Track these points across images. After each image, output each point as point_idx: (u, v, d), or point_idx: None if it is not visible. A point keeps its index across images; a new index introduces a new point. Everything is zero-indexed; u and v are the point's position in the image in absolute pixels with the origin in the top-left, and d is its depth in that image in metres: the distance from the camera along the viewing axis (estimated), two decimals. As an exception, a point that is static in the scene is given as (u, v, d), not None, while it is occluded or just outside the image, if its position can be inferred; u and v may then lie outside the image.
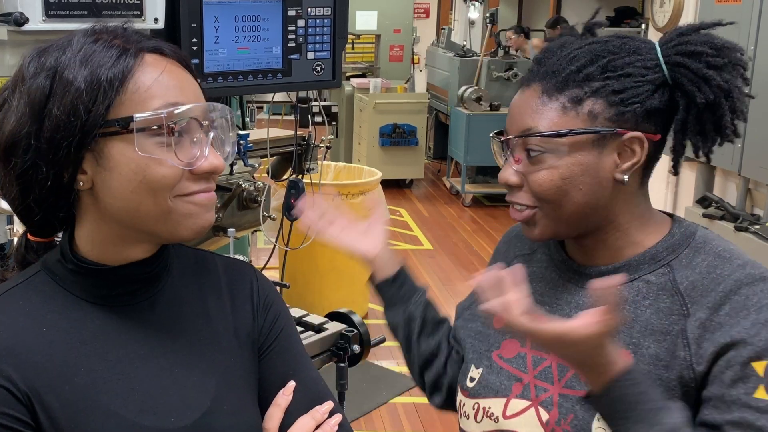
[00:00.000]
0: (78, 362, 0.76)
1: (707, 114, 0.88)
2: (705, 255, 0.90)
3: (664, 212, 0.98)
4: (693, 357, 0.84)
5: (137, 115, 0.73)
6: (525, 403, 0.94)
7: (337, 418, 0.87)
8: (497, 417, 0.95)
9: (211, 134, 0.78)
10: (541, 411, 0.92)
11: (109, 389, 0.77)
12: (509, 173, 0.92)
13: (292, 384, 0.87)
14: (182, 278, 0.86)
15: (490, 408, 0.96)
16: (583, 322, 0.77)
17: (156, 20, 1.22)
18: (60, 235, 0.83)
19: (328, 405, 0.88)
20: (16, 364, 0.74)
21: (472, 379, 1.00)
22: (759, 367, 0.81)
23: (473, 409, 0.98)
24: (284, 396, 0.86)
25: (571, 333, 0.78)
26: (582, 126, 0.87)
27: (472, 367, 1.01)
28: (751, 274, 0.85)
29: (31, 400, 0.73)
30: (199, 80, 0.81)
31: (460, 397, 1.02)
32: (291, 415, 0.85)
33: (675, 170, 0.95)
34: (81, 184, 0.76)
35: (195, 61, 1.34)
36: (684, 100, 0.88)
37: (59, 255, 0.81)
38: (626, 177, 0.89)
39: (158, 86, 0.75)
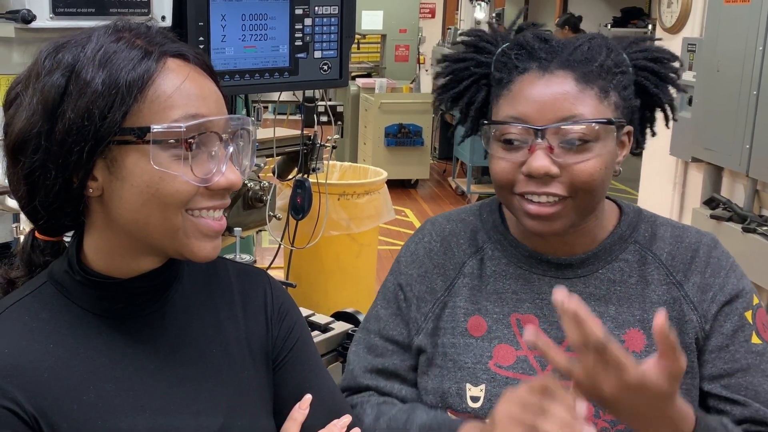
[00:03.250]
0: (86, 379, 0.73)
1: (655, 112, 0.97)
2: (662, 227, 0.98)
3: None
4: (701, 318, 0.92)
5: (155, 127, 0.69)
6: None
7: None
8: None
9: (231, 149, 0.74)
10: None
11: (118, 407, 0.74)
12: (548, 162, 0.86)
13: (308, 397, 0.84)
14: (193, 287, 0.83)
15: None
16: (656, 366, 0.73)
17: (164, 18, 1.22)
18: (69, 234, 0.81)
19: (347, 419, 0.84)
20: (21, 384, 0.70)
21: (474, 399, 0.93)
22: (748, 315, 0.93)
23: None
24: (300, 410, 0.83)
25: (647, 378, 0.73)
26: (612, 116, 0.89)
27: (468, 386, 0.93)
28: (711, 239, 0.97)
29: (38, 421, 0.70)
30: (221, 87, 0.77)
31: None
32: (308, 429, 0.82)
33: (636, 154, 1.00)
34: (91, 191, 0.72)
35: (202, 59, 1.34)
36: (642, 99, 0.94)
37: (66, 265, 0.77)
38: (620, 168, 0.94)
39: (179, 95, 0.71)
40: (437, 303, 0.99)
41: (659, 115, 0.98)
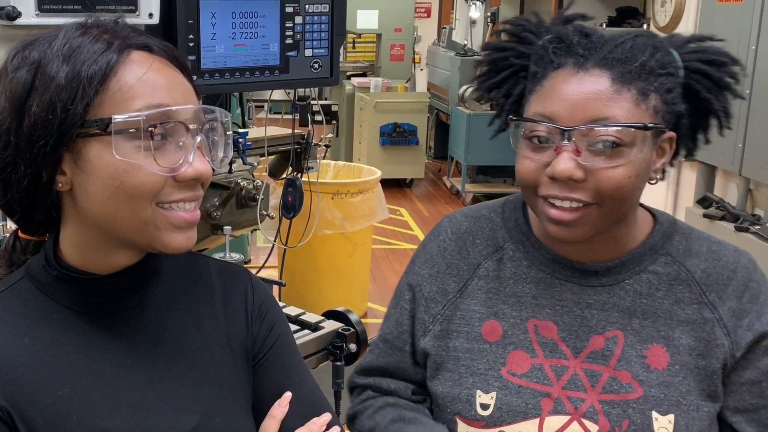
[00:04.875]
0: (62, 374, 0.73)
1: (709, 118, 0.90)
2: (698, 241, 0.93)
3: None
4: (733, 345, 0.88)
5: (116, 117, 0.69)
6: (564, 418, 0.86)
7: (335, 430, 0.84)
8: None
9: (198, 138, 0.73)
10: (587, 423, 0.86)
11: (94, 402, 0.73)
12: (572, 166, 0.81)
13: (288, 395, 0.83)
14: (173, 283, 0.82)
15: None
16: None
17: (151, 15, 1.21)
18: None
19: (326, 417, 0.84)
20: None
21: (484, 407, 0.89)
22: None
23: None
24: (280, 407, 0.83)
25: None
26: (650, 121, 0.83)
27: (479, 392, 0.90)
28: (749, 259, 0.92)
29: (11, 416, 0.70)
30: (193, 80, 0.77)
31: (467, 429, 0.91)
32: (287, 427, 0.82)
33: (672, 165, 0.94)
34: (60, 185, 0.73)
35: (191, 57, 1.33)
36: (693, 104, 0.88)
37: (43, 261, 0.77)
38: (659, 176, 0.88)
39: (142, 86, 0.71)
40: (448, 304, 0.95)
41: (714, 121, 0.91)
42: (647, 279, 0.90)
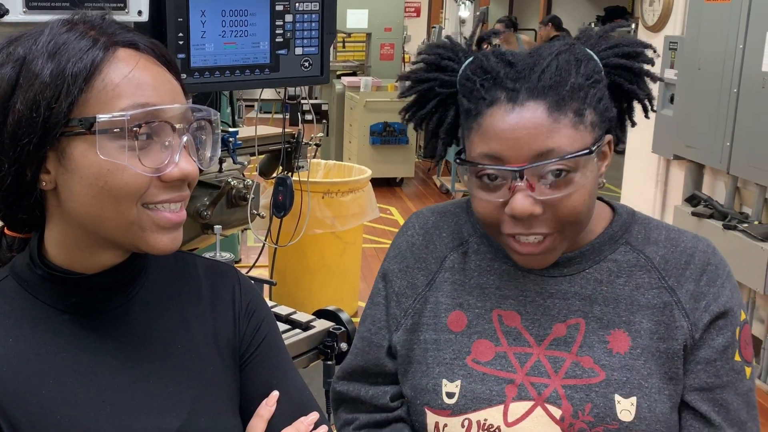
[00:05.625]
0: (46, 374, 0.72)
1: (632, 105, 0.94)
2: (657, 229, 0.96)
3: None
4: (692, 326, 0.90)
5: (100, 116, 0.68)
6: (527, 404, 0.88)
7: (323, 429, 0.83)
8: (498, 427, 0.89)
9: (185, 138, 0.72)
10: (551, 408, 0.88)
11: (79, 402, 0.72)
12: (530, 203, 0.83)
13: (275, 394, 0.82)
14: (160, 282, 0.81)
15: (486, 420, 0.89)
16: None
17: (140, 13, 1.20)
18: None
19: (314, 416, 0.83)
20: None
21: (450, 395, 0.91)
22: (737, 332, 0.92)
23: (463, 426, 0.90)
24: (267, 407, 0.82)
25: None
26: (590, 138, 0.84)
27: (444, 381, 0.92)
28: (708, 244, 0.95)
29: None
30: (181, 78, 0.76)
31: (435, 418, 0.93)
32: (274, 426, 0.81)
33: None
34: (44, 184, 0.71)
35: (181, 55, 1.32)
36: (617, 97, 0.92)
37: (28, 259, 0.76)
38: (603, 180, 0.91)
39: (127, 84, 0.69)
40: (418, 298, 0.97)
41: (638, 106, 0.95)
42: (607, 267, 0.93)
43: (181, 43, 1.32)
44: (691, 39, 3.68)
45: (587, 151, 0.83)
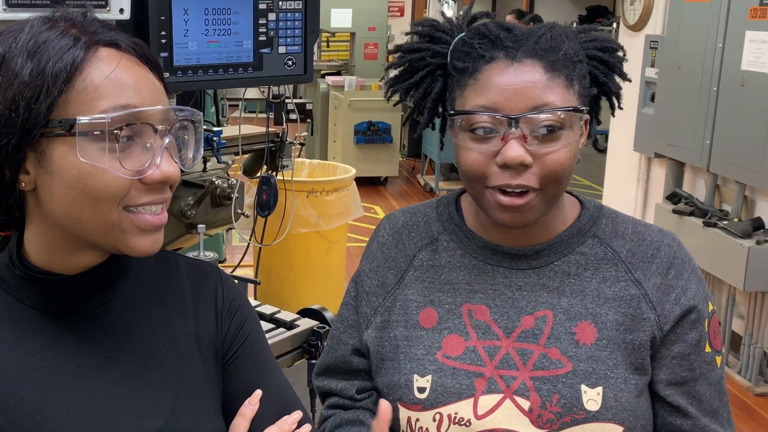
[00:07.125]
0: (25, 375, 0.72)
1: (600, 101, 0.97)
2: (624, 223, 0.98)
3: None
4: (660, 318, 0.92)
5: (80, 118, 0.67)
6: (497, 396, 0.90)
7: (306, 428, 0.83)
8: (468, 420, 0.90)
9: (167, 140, 0.71)
10: (519, 399, 0.89)
11: (58, 402, 0.72)
12: (523, 152, 0.84)
13: (258, 393, 0.82)
14: (141, 282, 0.81)
15: (456, 413, 0.90)
16: None
17: (122, 11, 1.20)
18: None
19: (297, 415, 0.83)
20: None
21: (421, 390, 0.92)
22: (706, 324, 0.94)
23: (434, 420, 0.91)
24: (250, 406, 0.81)
25: None
26: (578, 104, 0.88)
27: (416, 377, 0.93)
28: (673, 239, 0.97)
29: None
30: (164, 78, 0.75)
31: (408, 413, 0.94)
32: (257, 425, 0.81)
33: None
34: (23, 184, 0.70)
35: (164, 54, 1.32)
36: (593, 87, 0.94)
37: (7, 260, 0.75)
38: (580, 156, 0.93)
39: (109, 85, 0.68)
40: (388, 296, 0.99)
41: (605, 104, 0.99)
42: (575, 260, 0.94)
43: (163, 41, 1.32)
44: (671, 38, 3.72)
45: (576, 108, 0.87)
